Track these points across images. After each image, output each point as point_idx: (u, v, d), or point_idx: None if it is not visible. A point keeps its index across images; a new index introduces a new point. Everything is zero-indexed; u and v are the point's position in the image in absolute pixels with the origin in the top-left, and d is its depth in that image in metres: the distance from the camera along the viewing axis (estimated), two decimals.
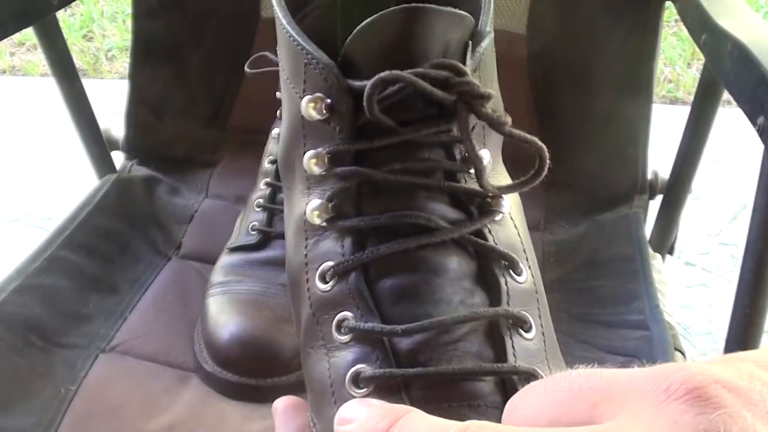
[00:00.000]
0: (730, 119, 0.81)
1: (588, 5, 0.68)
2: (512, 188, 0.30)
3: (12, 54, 1.90)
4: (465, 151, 0.29)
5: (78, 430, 0.47)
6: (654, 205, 0.71)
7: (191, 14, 0.74)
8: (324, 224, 0.30)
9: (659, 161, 0.71)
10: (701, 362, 0.17)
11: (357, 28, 0.28)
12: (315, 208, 0.30)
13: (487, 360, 0.27)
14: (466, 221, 0.29)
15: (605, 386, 0.18)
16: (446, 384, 0.26)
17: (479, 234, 0.29)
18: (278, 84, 0.57)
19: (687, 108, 0.65)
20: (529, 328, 0.28)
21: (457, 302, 0.28)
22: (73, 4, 0.87)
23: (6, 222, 1.24)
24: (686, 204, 0.69)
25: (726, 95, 0.53)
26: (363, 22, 0.28)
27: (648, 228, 0.69)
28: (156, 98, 0.76)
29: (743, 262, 0.44)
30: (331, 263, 0.29)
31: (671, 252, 0.72)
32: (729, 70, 0.46)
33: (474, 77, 0.28)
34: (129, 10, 1.04)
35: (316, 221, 0.30)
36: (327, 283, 0.29)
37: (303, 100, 0.30)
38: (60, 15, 0.94)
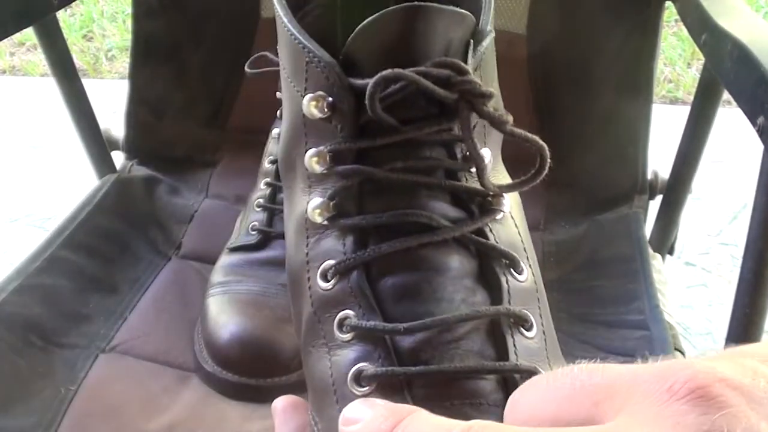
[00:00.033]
0: (730, 119, 0.81)
1: (588, 5, 0.68)
2: (513, 187, 0.30)
3: (12, 54, 1.90)
4: (466, 150, 0.29)
5: (78, 430, 0.47)
6: (654, 205, 0.71)
7: (191, 14, 0.74)
8: (325, 223, 0.30)
9: (659, 161, 0.71)
10: (704, 358, 0.17)
11: (359, 27, 0.28)
12: (316, 207, 0.30)
13: (489, 358, 0.27)
14: (467, 220, 0.29)
15: (608, 384, 0.18)
16: (448, 382, 0.26)
17: (480, 233, 0.29)
18: (278, 84, 0.58)
19: (687, 108, 0.65)
20: (530, 327, 0.28)
21: (459, 301, 0.28)
22: (73, 4, 0.87)
23: (6, 222, 1.24)
24: (686, 204, 0.69)
25: (726, 95, 0.53)
26: (365, 21, 0.28)
27: (648, 228, 0.69)
28: (156, 98, 0.76)
29: (743, 262, 0.44)
30: (333, 262, 0.29)
31: (671, 252, 0.72)
32: (729, 70, 0.46)
33: (475, 76, 0.28)
34: (129, 10, 1.04)
35: (318, 220, 0.30)
36: (328, 282, 0.29)
37: (304, 99, 0.30)
38: (60, 15, 0.94)
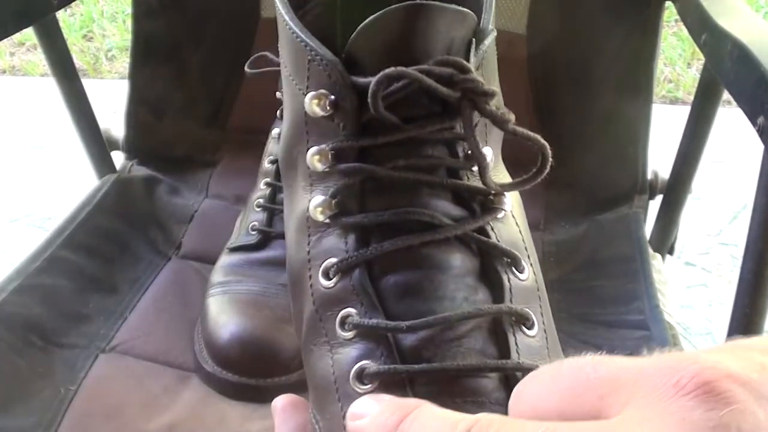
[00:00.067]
0: (730, 119, 0.81)
1: (588, 5, 0.68)
2: (515, 186, 0.30)
3: (12, 54, 1.90)
4: (468, 149, 0.29)
5: (78, 430, 0.47)
6: (654, 205, 0.71)
7: (191, 14, 0.74)
8: (327, 221, 0.30)
9: (659, 161, 0.71)
10: (710, 352, 0.17)
11: (361, 25, 0.28)
12: (318, 205, 0.30)
13: (491, 357, 0.27)
14: (469, 218, 0.29)
15: (613, 377, 0.18)
16: (450, 380, 0.26)
17: (482, 231, 0.29)
18: (278, 84, 0.58)
19: (687, 108, 0.65)
20: (532, 326, 0.28)
21: (461, 299, 0.28)
22: (73, 4, 0.87)
23: (6, 222, 1.24)
24: (686, 204, 0.69)
25: (726, 95, 0.53)
26: (367, 19, 0.28)
27: (648, 228, 0.69)
28: (156, 98, 0.76)
29: (743, 262, 0.44)
30: (335, 260, 0.29)
31: (671, 252, 0.72)
32: (729, 70, 0.46)
33: (477, 75, 0.28)
34: (129, 10, 1.04)
35: (320, 218, 0.30)
36: (330, 280, 0.29)
37: (306, 97, 0.30)
38: (60, 15, 0.94)
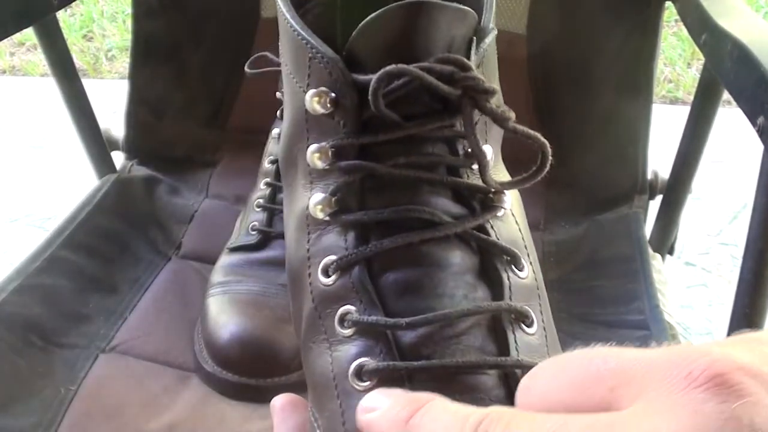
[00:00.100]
0: (730, 119, 0.81)
1: (588, 5, 0.68)
2: (514, 184, 0.30)
3: (12, 54, 1.90)
4: (468, 147, 0.29)
5: (78, 430, 0.47)
6: (654, 205, 0.71)
7: (191, 14, 0.74)
8: (327, 218, 0.30)
9: (659, 161, 0.71)
10: (721, 344, 0.17)
11: (362, 23, 0.28)
12: (318, 203, 0.30)
13: (490, 354, 0.27)
14: (469, 216, 0.29)
15: (624, 369, 0.18)
16: (450, 377, 0.26)
17: (481, 229, 0.29)
18: (278, 84, 0.58)
19: (687, 108, 0.65)
20: (531, 323, 0.28)
21: (460, 296, 0.27)
22: (73, 4, 0.87)
23: (6, 222, 1.24)
24: (686, 204, 0.69)
25: (726, 95, 0.53)
26: (368, 17, 0.28)
27: (648, 228, 0.69)
28: (156, 98, 0.76)
29: (743, 262, 0.44)
30: (334, 257, 0.29)
31: (671, 252, 0.72)
32: (729, 70, 0.46)
33: (478, 73, 0.28)
34: (129, 10, 1.04)
35: (319, 215, 0.30)
36: (330, 277, 0.29)
37: (307, 94, 0.30)
38: (60, 15, 0.94)
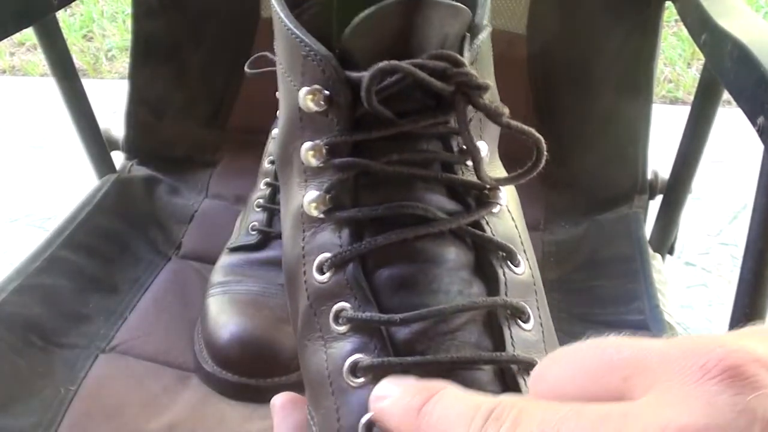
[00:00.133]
0: (730, 119, 0.81)
1: (588, 5, 0.68)
2: (510, 180, 0.30)
3: (12, 54, 1.90)
4: (462, 143, 0.29)
5: (78, 430, 0.47)
6: (654, 205, 0.71)
7: (191, 14, 0.74)
8: (321, 216, 0.30)
9: (659, 161, 0.71)
10: (736, 336, 0.17)
11: (355, 20, 0.28)
12: (313, 200, 0.30)
13: (486, 350, 0.26)
14: (464, 212, 0.29)
15: (637, 358, 0.18)
16: (445, 373, 0.25)
17: (477, 225, 0.29)
18: (278, 84, 0.58)
19: (687, 108, 0.65)
20: (528, 319, 0.28)
21: (455, 292, 0.27)
22: (73, 4, 0.87)
23: (6, 222, 1.24)
24: (686, 204, 0.69)
25: (726, 95, 0.53)
26: (360, 15, 0.28)
27: (648, 228, 0.69)
28: (156, 98, 0.76)
29: (743, 262, 0.44)
30: (329, 254, 0.29)
31: (671, 252, 0.72)
32: (729, 70, 0.46)
33: (472, 69, 0.28)
34: (129, 10, 1.04)
35: (314, 213, 0.30)
36: (324, 274, 0.29)
37: (300, 92, 0.30)
38: (60, 15, 0.94)
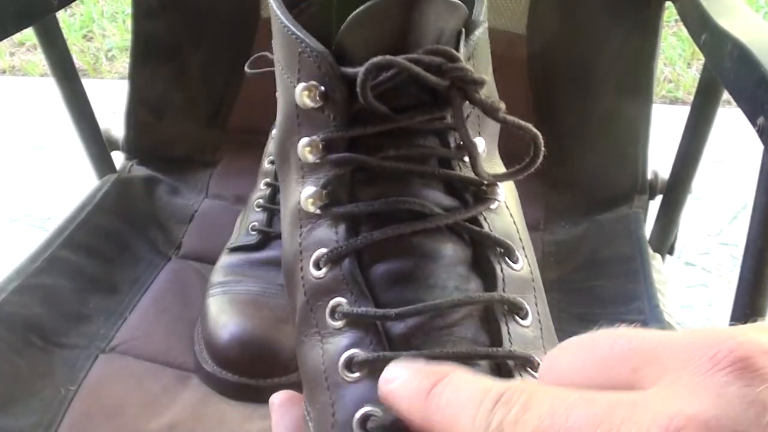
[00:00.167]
0: (730, 119, 0.81)
1: (588, 5, 0.68)
2: (507, 176, 0.30)
3: (12, 54, 1.90)
4: (459, 139, 0.29)
5: (78, 430, 0.47)
6: (654, 205, 0.71)
7: (191, 14, 0.74)
8: (318, 212, 0.30)
9: (659, 161, 0.71)
10: (746, 329, 0.17)
11: (351, 16, 0.28)
12: (309, 196, 0.30)
13: (482, 346, 0.26)
14: (461, 208, 0.29)
15: (648, 349, 0.18)
16: None
17: (474, 221, 0.29)
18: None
19: (687, 108, 0.65)
20: (525, 315, 0.28)
21: (452, 288, 0.27)
22: (73, 4, 0.87)
23: (6, 222, 1.24)
24: (686, 204, 0.69)
25: (726, 95, 0.53)
26: (356, 11, 0.28)
27: (648, 228, 0.69)
28: (156, 98, 0.76)
29: (743, 262, 0.44)
30: (325, 250, 0.29)
31: (671, 252, 0.72)
32: (729, 70, 0.46)
33: (468, 65, 0.28)
34: (129, 10, 1.04)
35: (311, 209, 0.30)
36: (320, 270, 0.29)
37: (297, 88, 0.30)
38: (60, 15, 0.94)
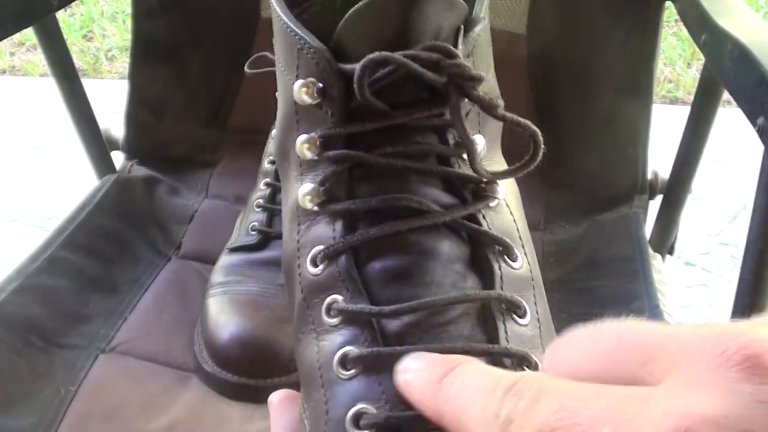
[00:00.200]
0: (730, 119, 0.81)
1: (588, 5, 0.68)
2: (507, 174, 0.29)
3: (12, 54, 1.90)
4: (458, 136, 0.29)
5: (78, 430, 0.47)
6: (654, 205, 0.71)
7: (191, 14, 0.74)
8: (316, 209, 0.29)
9: (659, 161, 0.71)
10: (755, 325, 0.17)
11: (349, 13, 0.28)
12: (307, 193, 0.29)
13: (479, 343, 0.26)
14: (459, 206, 0.29)
15: (656, 344, 0.17)
16: None
17: (473, 219, 0.29)
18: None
19: (687, 108, 0.65)
20: (524, 314, 0.27)
21: (449, 285, 0.27)
22: (73, 4, 0.87)
23: (6, 222, 1.24)
24: (686, 204, 0.69)
25: (726, 95, 0.53)
26: (354, 7, 0.28)
27: (648, 228, 0.69)
28: (156, 98, 0.76)
29: (743, 262, 0.44)
30: (322, 247, 0.29)
31: (671, 252, 0.72)
32: (729, 70, 0.46)
33: (467, 62, 0.28)
34: (129, 10, 1.04)
35: (309, 206, 0.29)
36: (317, 267, 0.29)
37: (295, 85, 0.29)
38: (60, 15, 0.94)
